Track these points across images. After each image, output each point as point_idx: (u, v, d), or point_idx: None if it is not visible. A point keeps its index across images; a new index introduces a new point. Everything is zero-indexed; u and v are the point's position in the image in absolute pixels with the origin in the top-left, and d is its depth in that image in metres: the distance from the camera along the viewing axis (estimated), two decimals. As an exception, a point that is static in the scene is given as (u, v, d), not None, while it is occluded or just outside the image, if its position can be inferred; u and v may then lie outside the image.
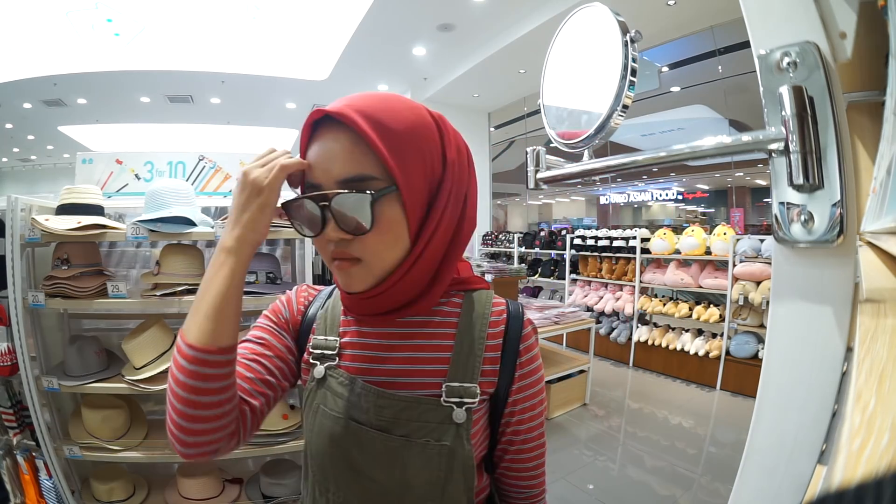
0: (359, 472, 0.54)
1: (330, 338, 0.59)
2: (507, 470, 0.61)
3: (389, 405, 0.53)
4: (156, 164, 1.93)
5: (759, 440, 0.52)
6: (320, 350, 0.59)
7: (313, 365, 0.58)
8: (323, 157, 0.51)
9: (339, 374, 0.57)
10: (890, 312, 0.27)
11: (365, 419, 0.54)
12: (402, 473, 0.52)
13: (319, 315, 0.62)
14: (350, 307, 0.58)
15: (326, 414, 0.56)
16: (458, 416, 0.53)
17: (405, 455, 0.52)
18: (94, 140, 8.83)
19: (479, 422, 0.56)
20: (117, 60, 5.49)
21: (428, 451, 0.52)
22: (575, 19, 0.58)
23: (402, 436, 0.52)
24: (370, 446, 0.53)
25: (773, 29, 0.48)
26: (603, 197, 8.63)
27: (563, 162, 0.62)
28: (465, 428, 0.53)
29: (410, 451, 0.52)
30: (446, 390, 0.53)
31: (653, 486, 2.41)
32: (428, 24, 4.73)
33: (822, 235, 0.45)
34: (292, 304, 0.64)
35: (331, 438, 0.55)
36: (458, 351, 0.55)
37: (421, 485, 0.52)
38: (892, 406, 0.16)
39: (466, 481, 0.53)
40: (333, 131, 0.51)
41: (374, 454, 0.53)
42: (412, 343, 0.56)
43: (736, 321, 3.65)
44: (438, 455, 0.52)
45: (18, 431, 1.74)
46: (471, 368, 0.55)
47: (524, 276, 4.46)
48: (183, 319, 0.51)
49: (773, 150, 0.44)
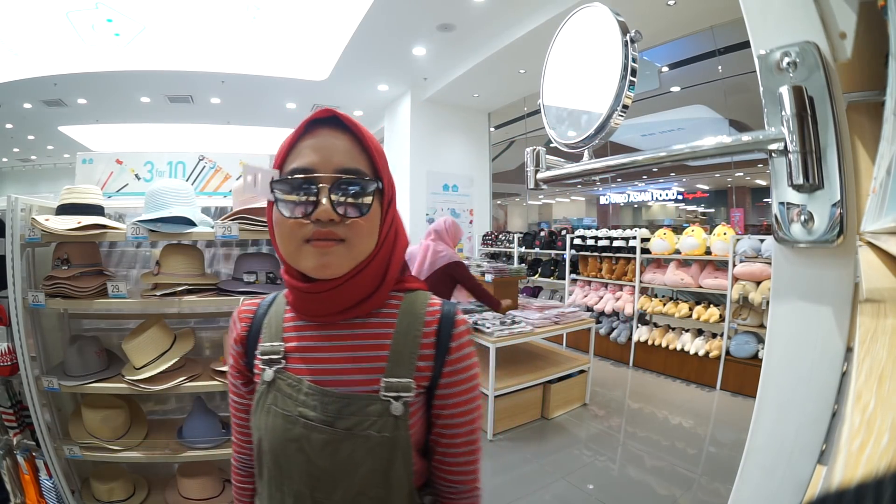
0: (310, 463, 0.58)
1: (275, 343, 0.63)
2: (438, 462, 0.65)
3: (333, 402, 0.58)
4: (156, 164, 1.93)
5: (759, 440, 0.52)
6: (268, 355, 0.63)
7: (263, 369, 0.62)
8: (324, 148, 0.57)
9: (287, 377, 0.61)
10: (890, 312, 0.27)
11: (313, 416, 0.58)
12: (347, 463, 0.57)
13: (264, 323, 0.66)
14: (302, 308, 0.63)
15: (278, 413, 0.60)
16: (396, 409, 0.58)
17: (349, 446, 0.57)
18: (94, 140, 8.83)
19: (418, 413, 0.61)
20: (117, 60, 5.49)
21: (370, 441, 0.57)
22: (575, 19, 0.58)
23: (345, 429, 0.57)
24: (318, 439, 0.57)
25: (773, 29, 0.48)
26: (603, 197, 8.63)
27: (563, 162, 0.62)
28: (402, 419, 0.58)
29: (354, 442, 0.57)
30: (384, 386, 0.58)
31: (653, 486, 2.41)
32: (428, 24, 4.73)
33: (822, 235, 0.45)
34: (235, 323, 0.69)
35: (284, 434, 0.59)
36: (395, 349, 0.60)
37: (365, 472, 0.57)
38: (892, 406, 0.16)
39: (406, 467, 0.59)
40: (333, 130, 0.58)
41: (322, 445, 0.57)
42: (352, 343, 0.61)
43: (736, 321, 3.65)
44: (380, 445, 0.57)
45: (18, 431, 1.74)
46: (407, 364, 0.60)
47: (524, 276, 4.46)
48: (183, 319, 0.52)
49: (773, 150, 0.44)
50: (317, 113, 0.58)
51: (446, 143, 6.80)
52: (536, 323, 3.18)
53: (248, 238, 1.60)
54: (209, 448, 1.66)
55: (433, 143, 6.63)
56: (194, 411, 1.73)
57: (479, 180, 7.28)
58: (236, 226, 1.57)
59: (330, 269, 0.56)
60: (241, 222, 1.57)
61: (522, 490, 2.34)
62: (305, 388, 0.59)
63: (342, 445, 0.57)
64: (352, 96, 6.76)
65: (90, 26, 4.76)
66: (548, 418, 3.21)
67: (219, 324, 1.98)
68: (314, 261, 0.56)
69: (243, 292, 1.60)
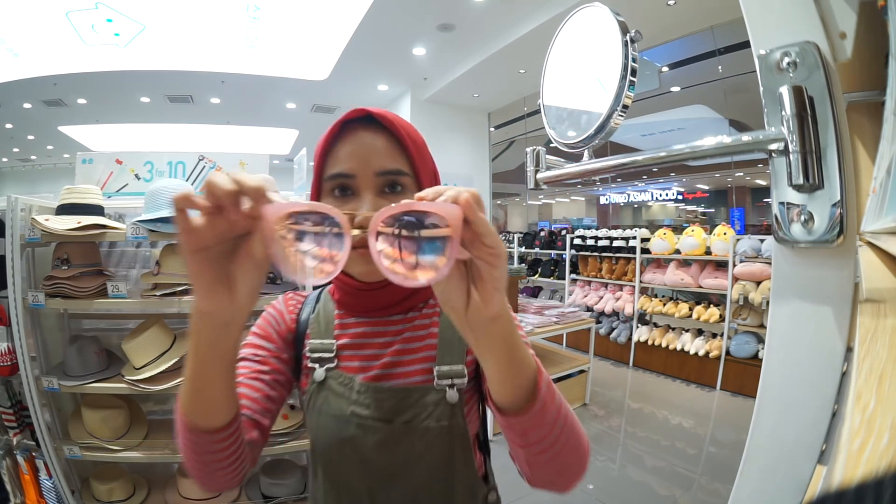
0: (367, 463, 0.57)
1: (326, 340, 0.62)
2: None
3: (388, 397, 0.57)
4: (156, 164, 1.93)
5: (759, 440, 0.52)
6: (318, 353, 0.61)
7: (312, 368, 0.61)
8: (362, 151, 0.54)
9: (339, 375, 0.60)
10: (890, 312, 0.27)
11: (366, 414, 0.57)
12: (406, 459, 0.56)
13: (312, 319, 0.64)
14: (352, 304, 0.62)
15: (330, 413, 0.58)
16: (451, 396, 0.57)
17: (409, 440, 0.56)
18: (94, 140, 8.83)
19: (472, 400, 0.60)
20: (117, 60, 5.49)
21: (429, 433, 0.56)
22: (575, 19, 0.58)
23: (404, 423, 0.56)
24: (375, 437, 0.56)
25: (773, 29, 0.48)
26: (603, 197, 8.63)
27: (563, 162, 0.62)
28: (458, 407, 0.57)
29: (413, 436, 0.56)
30: (438, 374, 0.58)
31: (653, 486, 2.41)
32: (428, 24, 4.73)
33: (822, 235, 0.45)
34: (283, 314, 0.66)
35: (337, 435, 0.57)
36: (444, 337, 0.60)
37: (425, 466, 0.56)
38: (892, 406, 0.16)
39: (466, 456, 0.57)
40: (370, 131, 0.55)
41: (379, 444, 0.56)
42: (401, 336, 0.61)
43: (736, 321, 3.65)
44: (439, 435, 0.56)
45: (18, 431, 1.74)
46: (457, 351, 0.59)
47: (524, 276, 4.46)
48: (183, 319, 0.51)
49: (773, 150, 0.44)
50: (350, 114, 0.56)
51: (446, 142, 6.79)
52: (536, 322, 3.18)
53: (248, 238, 1.60)
54: (209, 448, 1.65)
55: (433, 143, 6.48)
56: (194, 411, 1.73)
57: (479, 180, 7.28)
58: (236, 226, 1.57)
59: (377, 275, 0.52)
60: (241, 222, 1.57)
61: (523, 490, 2.34)
62: (357, 386, 0.58)
63: (401, 441, 0.56)
64: (352, 96, 6.76)
65: (90, 26, 4.76)
66: (548, 418, 3.20)
67: (219, 324, 1.98)
68: (361, 267, 0.54)
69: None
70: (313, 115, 7.66)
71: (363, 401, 0.57)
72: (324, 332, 0.63)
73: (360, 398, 0.58)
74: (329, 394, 0.59)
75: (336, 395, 0.59)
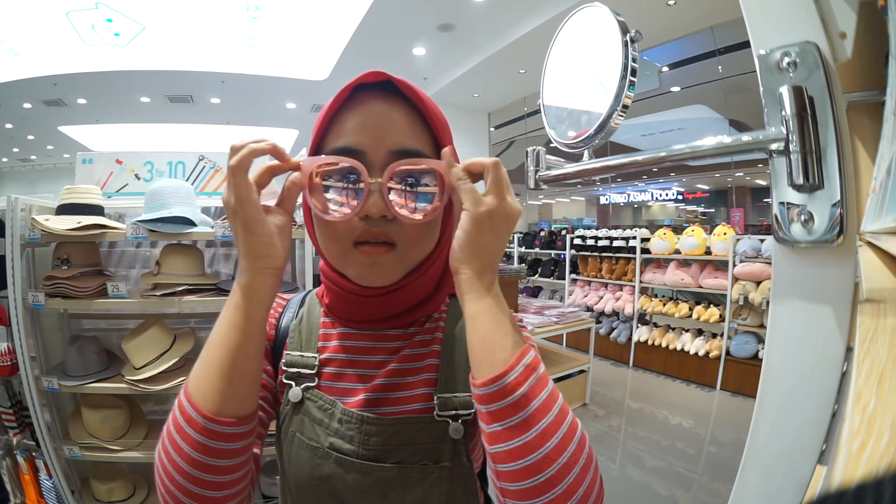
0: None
1: (307, 354, 0.52)
2: None
3: (377, 431, 0.47)
4: (156, 164, 1.93)
5: (759, 440, 0.52)
6: (295, 368, 0.51)
7: (288, 386, 0.51)
8: (374, 123, 0.45)
9: (319, 397, 0.49)
10: (890, 312, 0.27)
11: (349, 449, 0.47)
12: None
13: (293, 326, 0.54)
14: (342, 310, 0.52)
15: (304, 444, 0.48)
16: (455, 431, 0.47)
17: (401, 485, 0.46)
18: (94, 140, 8.83)
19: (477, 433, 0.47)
20: (117, 60, 5.49)
21: (426, 476, 0.46)
22: (575, 19, 0.58)
23: (395, 463, 0.46)
24: (359, 479, 0.46)
25: (773, 29, 0.48)
26: (603, 197, 8.63)
27: (563, 162, 0.62)
28: (462, 443, 0.47)
29: (407, 479, 0.46)
30: (439, 403, 0.47)
31: (653, 486, 2.41)
32: (428, 24, 4.73)
33: (822, 235, 0.45)
34: None
35: (312, 473, 0.47)
36: (447, 359, 0.50)
37: None
38: (892, 406, 0.16)
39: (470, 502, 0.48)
40: (387, 100, 0.45)
41: (365, 487, 0.46)
42: (401, 354, 0.51)
43: (736, 321, 3.65)
44: (438, 479, 0.46)
45: (18, 431, 1.74)
46: (462, 377, 0.48)
47: (524, 276, 4.46)
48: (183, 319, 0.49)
49: (773, 150, 0.44)
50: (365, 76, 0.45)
51: (446, 143, 6.79)
52: (536, 322, 3.18)
53: (248, 238, 1.60)
54: (209, 448, 1.65)
55: (433, 143, 6.63)
56: (194, 411, 1.73)
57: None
58: (236, 226, 1.57)
59: (377, 279, 0.47)
60: (241, 222, 1.57)
61: None
62: (340, 414, 0.48)
63: (390, 487, 0.46)
64: (352, 96, 6.75)
65: (90, 26, 4.76)
66: (548, 418, 3.20)
67: (219, 324, 1.98)
68: (360, 269, 0.46)
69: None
70: (313, 115, 7.66)
71: (346, 432, 0.47)
72: (305, 344, 0.53)
73: (343, 429, 0.47)
74: (305, 419, 0.49)
75: (313, 421, 0.48)
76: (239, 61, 5.60)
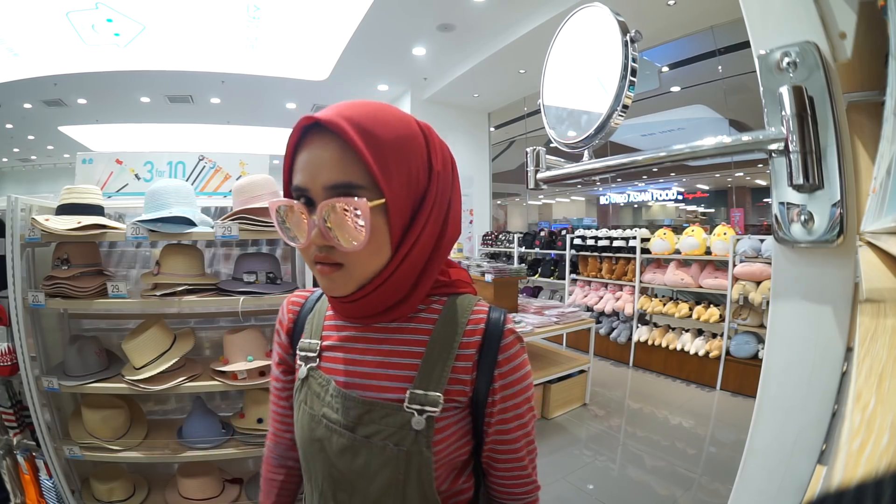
0: (330, 465, 0.58)
1: (313, 341, 0.63)
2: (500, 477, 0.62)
3: (354, 407, 0.57)
4: (156, 164, 1.93)
5: (759, 440, 0.52)
6: (305, 352, 0.63)
7: (300, 365, 0.64)
8: (311, 162, 0.50)
9: (318, 375, 0.61)
10: (890, 312, 0.27)
11: (334, 418, 0.58)
12: (364, 470, 0.56)
13: (308, 319, 0.66)
14: (335, 309, 0.61)
15: (307, 412, 0.61)
16: (418, 423, 0.54)
17: (366, 454, 0.56)
18: (94, 140, 8.83)
19: (450, 428, 0.57)
20: (117, 60, 5.49)
21: (387, 452, 0.55)
22: (575, 19, 0.58)
23: (364, 436, 0.56)
24: (338, 442, 0.57)
25: (773, 29, 0.48)
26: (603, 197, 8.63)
27: (563, 162, 0.62)
28: (424, 435, 0.54)
29: (371, 450, 0.55)
30: (409, 397, 0.55)
31: (653, 486, 2.41)
32: (428, 24, 4.73)
33: (822, 235, 0.45)
34: (282, 322, 0.69)
35: (310, 434, 0.59)
36: (428, 359, 0.56)
37: (381, 483, 0.55)
38: (892, 406, 0.16)
39: (423, 484, 0.55)
40: (323, 138, 0.50)
41: (342, 449, 0.57)
42: (385, 348, 0.59)
43: (736, 321, 3.65)
44: (396, 458, 0.54)
45: (18, 431, 1.74)
46: (437, 377, 0.56)
47: (524, 276, 4.46)
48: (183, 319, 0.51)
49: (773, 150, 0.44)
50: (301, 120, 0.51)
51: (446, 142, 6.78)
52: (536, 322, 3.18)
53: (248, 238, 1.60)
54: (209, 448, 1.66)
55: (433, 144, 6.62)
56: (194, 411, 1.73)
57: (479, 180, 7.28)
58: (236, 226, 1.57)
59: (334, 291, 0.55)
60: (241, 222, 1.57)
61: None
62: (331, 390, 0.59)
63: (360, 452, 0.56)
64: (352, 96, 6.68)
65: (90, 26, 4.76)
66: (547, 418, 3.21)
67: (219, 324, 1.98)
68: (321, 282, 0.55)
69: (243, 292, 1.60)
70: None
71: (334, 404, 0.58)
72: (313, 333, 0.64)
73: (332, 402, 0.58)
74: (309, 392, 0.61)
75: (313, 394, 0.61)
76: (239, 61, 5.60)
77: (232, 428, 1.73)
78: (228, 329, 1.74)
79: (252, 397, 1.72)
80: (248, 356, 1.61)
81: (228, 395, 2.01)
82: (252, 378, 1.60)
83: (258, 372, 1.62)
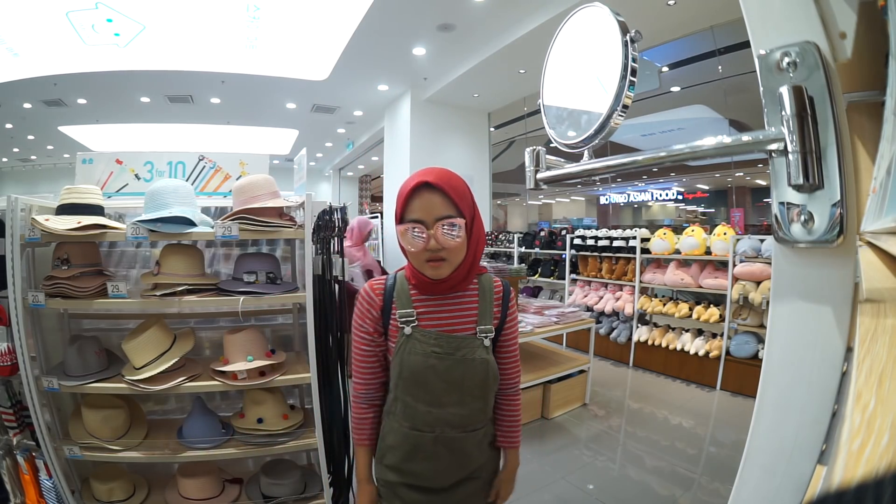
0: (438, 379, 0.96)
1: (409, 310, 0.99)
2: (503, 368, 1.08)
3: (450, 341, 0.98)
4: (156, 164, 1.93)
5: (759, 440, 0.52)
6: (405, 318, 0.99)
7: (402, 327, 0.98)
8: (427, 204, 0.92)
9: (420, 331, 0.98)
10: (890, 312, 0.27)
11: (440, 350, 0.97)
12: (461, 378, 0.97)
13: (395, 296, 1.01)
14: (425, 288, 1.00)
15: (417, 352, 0.97)
16: (486, 342, 1.01)
17: (461, 367, 0.97)
18: (94, 140, 8.82)
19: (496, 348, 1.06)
20: (117, 60, 5.48)
21: (474, 363, 0.98)
22: (575, 19, 0.58)
23: (460, 356, 0.97)
24: (445, 363, 0.97)
25: (773, 29, 0.48)
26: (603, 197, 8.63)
27: (563, 162, 0.62)
28: (490, 349, 1.02)
29: (464, 364, 0.97)
30: (478, 330, 1.01)
31: (653, 486, 2.41)
32: (428, 24, 4.72)
33: (822, 235, 0.45)
34: (372, 297, 1.02)
35: (424, 363, 0.96)
36: (481, 309, 1.03)
37: (469, 384, 0.98)
38: (892, 406, 0.16)
39: (494, 379, 1.02)
40: (429, 192, 0.93)
41: (447, 367, 0.97)
42: (456, 307, 1.02)
43: (736, 321, 3.65)
44: (479, 364, 0.99)
45: (18, 431, 1.74)
46: (488, 317, 1.03)
47: (524, 276, 4.46)
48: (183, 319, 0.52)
49: (773, 150, 0.44)
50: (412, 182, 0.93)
51: (446, 143, 6.79)
52: (536, 322, 3.18)
53: (247, 238, 1.60)
54: (209, 448, 1.66)
55: (433, 143, 6.62)
56: (194, 411, 1.73)
57: (479, 180, 7.27)
58: (236, 226, 1.57)
59: (441, 275, 0.96)
60: (241, 222, 1.57)
61: (522, 490, 2.34)
62: (434, 336, 0.98)
63: (457, 367, 0.97)
64: (352, 96, 6.76)
65: (90, 26, 4.76)
66: (547, 418, 3.21)
67: (219, 324, 1.98)
68: (431, 272, 0.96)
69: (243, 292, 1.60)
70: (313, 115, 7.65)
71: (437, 343, 0.97)
72: (406, 304, 1.00)
73: (437, 342, 0.97)
74: (415, 342, 0.97)
75: (420, 342, 0.97)
76: (239, 61, 5.59)
77: (232, 428, 1.73)
78: (228, 329, 1.74)
79: (252, 397, 1.72)
80: (247, 356, 1.61)
81: (228, 395, 2.01)
82: (252, 378, 1.60)
83: (258, 372, 1.62)
